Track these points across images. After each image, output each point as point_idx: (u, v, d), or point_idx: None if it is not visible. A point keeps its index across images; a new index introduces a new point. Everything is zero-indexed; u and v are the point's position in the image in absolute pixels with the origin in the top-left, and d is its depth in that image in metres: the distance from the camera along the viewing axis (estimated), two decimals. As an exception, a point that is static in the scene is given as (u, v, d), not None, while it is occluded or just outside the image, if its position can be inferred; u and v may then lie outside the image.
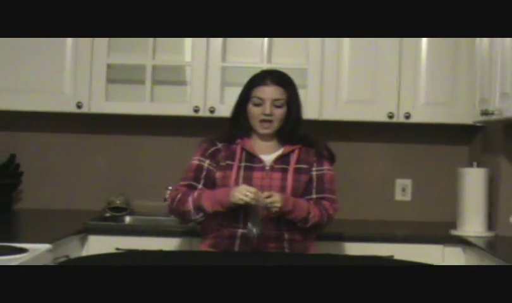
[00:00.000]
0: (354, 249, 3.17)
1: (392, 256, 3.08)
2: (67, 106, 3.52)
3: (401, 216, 3.81)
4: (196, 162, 2.71)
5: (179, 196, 2.64)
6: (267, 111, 2.64)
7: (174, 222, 3.54)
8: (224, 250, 2.56)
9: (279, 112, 2.67)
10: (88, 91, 3.51)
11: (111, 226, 3.36)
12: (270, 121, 2.66)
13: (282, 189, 2.61)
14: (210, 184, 2.67)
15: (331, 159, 2.76)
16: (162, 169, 3.80)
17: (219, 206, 2.54)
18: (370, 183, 3.84)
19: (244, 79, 2.77)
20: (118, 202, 3.64)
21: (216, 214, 2.58)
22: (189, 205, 2.59)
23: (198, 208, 2.58)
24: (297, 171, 2.67)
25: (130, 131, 3.85)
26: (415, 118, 3.51)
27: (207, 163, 2.69)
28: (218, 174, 2.67)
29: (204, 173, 2.68)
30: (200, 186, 2.67)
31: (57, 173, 3.84)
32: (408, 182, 3.84)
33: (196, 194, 2.61)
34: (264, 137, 2.72)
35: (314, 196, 2.68)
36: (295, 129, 2.70)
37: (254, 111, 2.67)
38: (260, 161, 2.67)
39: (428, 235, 3.34)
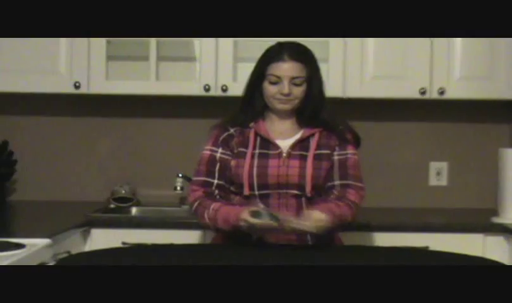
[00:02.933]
0: (384, 239, 3.17)
1: (427, 247, 3.09)
2: (64, 86, 3.52)
3: (436, 202, 3.83)
4: (208, 153, 2.70)
5: (196, 204, 2.63)
6: (285, 90, 2.61)
7: (185, 213, 3.56)
8: (241, 243, 2.56)
9: (299, 91, 2.64)
10: (87, 70, 3.52)
11: (116, 219, 3.36)
12: (288, 100, 2.65)
13: (300, 178, 2.61)
14: (227, 175, 2.67)
15: (356, 143, 2.72)
16: (171, 154, 3.84)
17: (232, 227, 2.53)
18: (401, 167, 3.85)
19: (259, 55, 2.73)
20: (123, 192, 3.67)
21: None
22: (207, 221, 2.59)
23: (215, 228, 2.59)
24: (317, 157, 2.65)
25: (134, 113, 3.86)
26: (450, 94, 3.50)
27: (219, 153, 2.68)
28: (232, 162, 2.67)
29: (218, 165, 2.67)
30: (215, 181, 2.66)
31: (55, 161, 3.87)
32: (443, 165, 3.85)
33: (211, 210, 2.58)
34: (282, 116, 2.69)
35: (337, 182, 2.66)
36: (317, 110, 2.67)
37: (270, 89, 2.64)
38: (276, 147, 2.65)
39: (467, 224, 3.32)
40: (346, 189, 2.64)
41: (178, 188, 3.67)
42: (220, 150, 2.69)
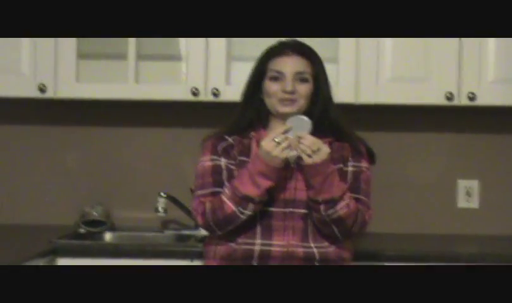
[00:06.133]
0: (404, 272, 3.17)
1: (453, 281, 3.08)
2: (27, 89, 3.53)
3: (466, 228, 3.82)
4: (209, 163, 2.72)
5: (208, 205, 2.66)
6: (288, 87, 2.64)
7: (168, 239, 3.55)
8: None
9: (304, 89, 2.68)
10: (53, 70, 3.52)
11: (86, 246, 3.35)
12: (292, 99, 2.68)
13: None
14: None
15: (370, 158, 2.79)
16: (152, 170, 3.84)
17: (265, 179, 2.56)
18: (423, 186, 3.85)
19: (257, 53, 2.76)
20: (95, 214, 3.67)
21: (270, 192, 2.62)
22: (229, 205, 2.61)
23: (243, 200, 2.59)
24: None
25: (109, 121, 3.87)
26: (482, 100, 3.48)
27: (223, 162, 2.71)
28: (235, 174, 2.68)
29: (225, 173, 2.70)
30: None
31: (15, 177, 3.87)
32: (474, 184, 3.85)
33: (227, 190, 2.63)
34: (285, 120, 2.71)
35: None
36: (326, 112, 2.71)
37: (271, 88, 2.68)
38: None
39: (503, 254, 3.30)
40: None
41: (160, 210, 3.66)
42: (223, 159, 2.71)
